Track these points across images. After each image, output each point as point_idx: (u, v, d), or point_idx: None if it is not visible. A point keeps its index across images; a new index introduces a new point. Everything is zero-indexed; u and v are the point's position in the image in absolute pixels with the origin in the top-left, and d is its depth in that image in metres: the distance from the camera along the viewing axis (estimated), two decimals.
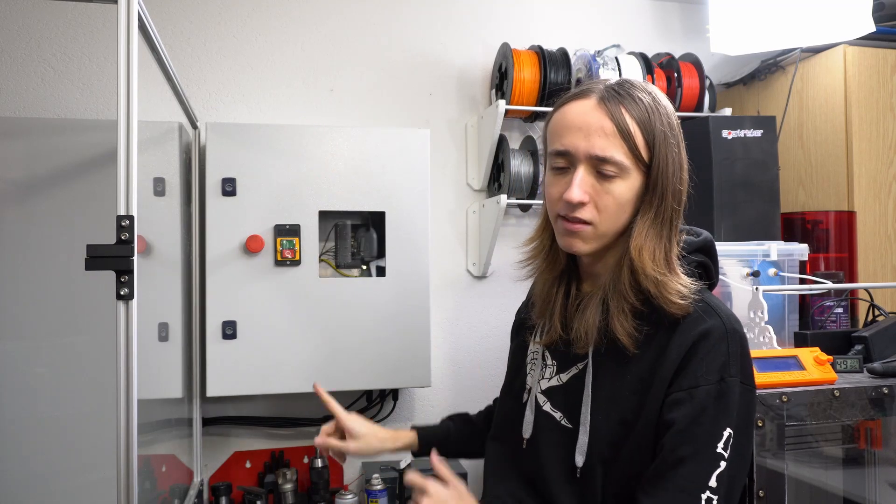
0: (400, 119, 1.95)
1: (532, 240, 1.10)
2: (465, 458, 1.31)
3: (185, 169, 1.63)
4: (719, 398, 0.90)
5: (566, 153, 0.96)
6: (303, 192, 1.61)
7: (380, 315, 1.65)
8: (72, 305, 1.52)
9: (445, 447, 1.27)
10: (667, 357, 0.93)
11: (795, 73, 1.93)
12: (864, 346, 1.47)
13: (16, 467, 1.49)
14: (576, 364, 1.02)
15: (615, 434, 0.95)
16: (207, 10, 1.83)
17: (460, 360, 1.97)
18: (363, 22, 1.93)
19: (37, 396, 1.52)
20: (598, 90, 0.97)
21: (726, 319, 0.94)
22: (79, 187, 1.53)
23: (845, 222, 1.79)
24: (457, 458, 1.30)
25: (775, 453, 1.25)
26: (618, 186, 0.94)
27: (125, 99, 0.89)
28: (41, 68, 1.73)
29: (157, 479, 1.55)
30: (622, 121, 0.93)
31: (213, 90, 1.83)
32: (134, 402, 0.87)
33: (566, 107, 0.98)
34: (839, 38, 1.74)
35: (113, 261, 0.86)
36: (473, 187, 1.99)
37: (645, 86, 0.98)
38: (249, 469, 1.79)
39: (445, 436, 1.29)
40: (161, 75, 1.30)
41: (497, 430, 1.14)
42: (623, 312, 0.95)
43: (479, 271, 1.97)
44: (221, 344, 1.56)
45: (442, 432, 1.30)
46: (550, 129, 1.01)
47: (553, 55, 1.88)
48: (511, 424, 1.09)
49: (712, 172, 1.75)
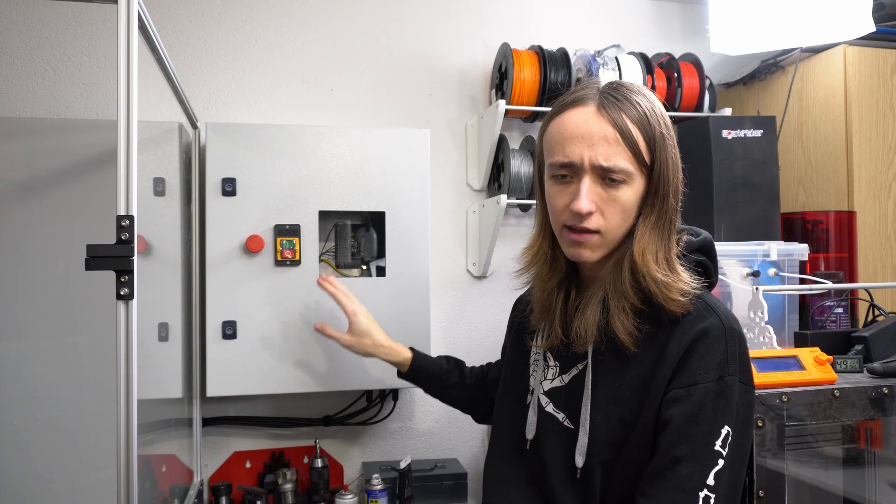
0: (400, 119, 1.95)
1: (530, 248, 1.09)
2: (439, 400, 1.41)
3: (185, 169, 1.63)
4: (718, 396, 0.90)
5: (570, 164, 0.95)
6: (303, 192, 1.61)
7: (380, 315, 1.64)
8: (72, 305, 1.52)
9: (429, 383, 1.38)
10: (666, 356, 0.93)
11: (795, 73, 1.93)
12: (864, 346, 1.47)
13: (16, 467, 1.49)
14: (576, 365, 1.02)
15: (615, 434, 0.95)
16: (207, 10, 1.83)
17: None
18: (363, 22, 1.93)
19: (37, 396, 1.52)
20: (594, 97, 0.96)
21: (725, 318, 0.95)
22: (79, 187, 1.53)
23: (845, 222, 1.79)
24: (432, 395, 1.41)
25: (775, 453, 1.25)
26: (623, 193, 0.94)
27: (125, 99, 0.89)
28: (41, 68, 1.73)
29: (157, 479, 1.55)
30: (625, 127, 0.93)
31: (213, 90, 1.83)
32: (134, 402, 0.87)
33: (564, 115, 0.97)
34: (839, 38, 1.74)
35: (113, 261, 0.85)
36: (473, 187, 1.99)
37: (638, 88, 0.98)
38: (249, 469, 1.79)
39: (437, 374, 1.37)
40: (161, 75, 1.30)
41: (499, 430, 1.14)
42: (623, 311, 0.95)
43: (479, 271, 1.97)
44: (221, 344, 1.56)
45: (435, 370, 1.38)
46: (549, 139, 0.99)
47: (553, 55, 1.88)
48: (514, 425, 1.09)
49: (712, 172, 1.75)
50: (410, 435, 1.93)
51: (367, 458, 1.89)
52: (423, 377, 1.38)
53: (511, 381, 1.15)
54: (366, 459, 1.88)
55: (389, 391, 1.85)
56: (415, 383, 1.40)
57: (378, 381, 1.66)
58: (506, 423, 1.12)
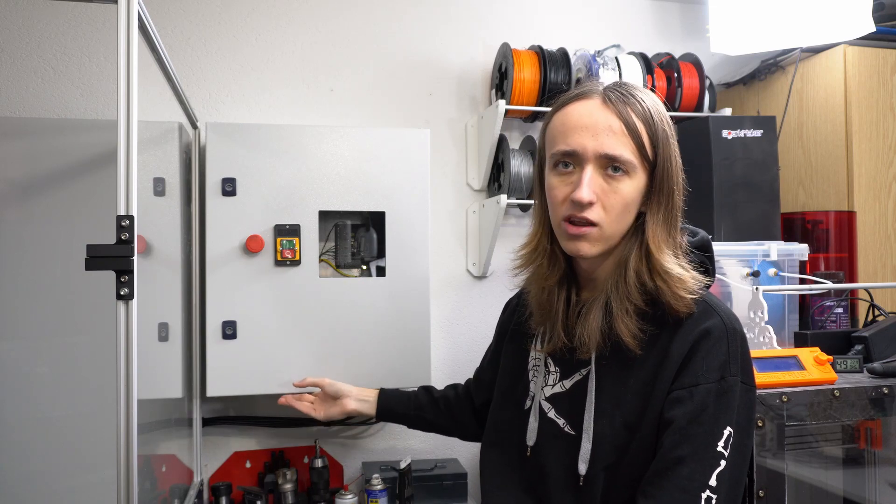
0: (400, 119, 1.95)
1: (527, 245, 1.07)
2: (423, 430, 1.46)
3: (185, 169, 1.63)
4: (720, 397, 0.90)
5: (573, 153, 0.95)
6: (303, 192, 1.61)
7: (380, 315, 1.65)
8: (72, 305, 1.52)
9: (404, 411, 1.43)
10: (669, 357, 0.93)
11: (795, 73, 1.93)
12: (864, 346, 1.47)
13: (16, 467, 1.49)
14: (579, 370, 1.01)
15: (619, 438, 0.94)
16: (207, 11, 1.83)
17: (460, 360, 1.97)
18: (363, 22, 1.93)
19: (37, 396, 1.51)
20: (599, 91, 0.97)
21: (726, 318, 0.95)
22: (79, 187, 1.53)
23: (845, 222, 1.79)
24: (413, 427, 1.47)
25: (775, 453, 1.25)
26: (625, 186, 0.94)
27: (125, 99, 0.89)
28: (41, 68, 1.73)
29: (157, 479, 1.56)
30: (630, 120, 0.93)
31: (213, 90, 1.83)
32: (134, 402, 0.87)
33: (569, 107, 0.98)
34: (839, 38, 1.74)
35: (113, 261, 0.85)
36: (473, 187, 1.99)
37: (641, 88, 0.99)
38: (249, 469, 1.79)
39: (405, 401, 1.43)
40: (161, 75, 1.30)
41: (496, 436, 1.13)
42: (627, 313, 0.94)
43: (479, 271, 1.97)
44: (221, 344, 1.56)
45: (403, 398, 1.44)
46: (552, 131, 0.99)
47: (553, 55, 1.88)
48: (513, 431, 1.08)
49: (712, 172, 1.75)
50: (410, 435, 1.93)
51: (367, 458, 1.89)
52: (393, 411, 1.44)
53: (509, 386, 1.13)
54: (366, 459, 1.88)
55: None
56: (389, 419, 1.47)
57: (378, 381, 1.66)
58: (504, 429, 1.10)
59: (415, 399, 1.42)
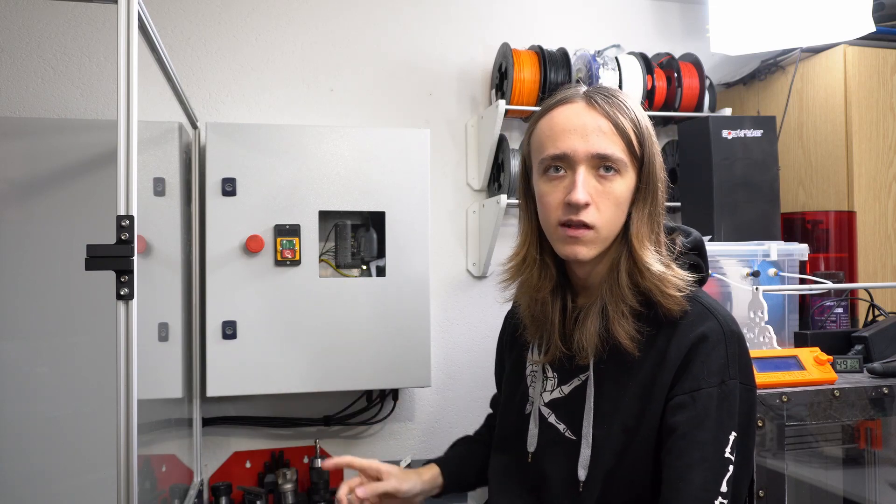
0: (400, 119, 1.95)
1: (514, 256, 1.05)
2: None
3: (185, 169, 1.63)
4: (721, 401, 0.90)
5: (563, 156, 0.94)
6: (303, 192, 1.61)
7: (380, 315, 1.65)
8: (72, 305, 1.52)
9: (469, 472, 1.22)
10: (666, 360, 0.93)
11: (795, 73, 1.93)
12: (864, 346, 1.47)
13: (16, 467, 1.49)
14: (577, 376, 1.01)
15: (618, 442, 0.94)
16: (207, 10, 1.83)
17: (460, 360, 1.97)
18: (363, 22, 1.93)
19: (37, 396, 1.52)
20: (581, 95, 0.97)
21: (723, 321, 0.94)
22: (79, 187, 1.53)
23: (845, 222, 1.79)
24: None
25: (775, 453, 1.25)
26: (617, 185, 0.94)
27: (125, 99, 0.89)
28: (41, 68, 1.73)
29: (157, 479, 1.56)
30: (617, 119, 0.94)
31: (213, 90, 1.83)
32: (134, 402, 0.87)
33: (553, 112, 0.97)
34: (839, 38, 1.74)
35: (113, 261, 0.85)
36: (473, 187, 1.99)
37: (620, 91, 1.00)
38: (249, 469, 1.79)
39: (466, 460, 1.23)
40: (161, 75, 1.30)
41: (500, 442, 1.13)
42: (623, 315, 0.94)
43: (479, 271, 1.97)
44: (221, 344, 1.56)
45: (462, 460, 1.23)
46: (538, 137, 0.99)
47: (553, 55, 1.88)
48: (515, 437, 1.08)
49: (712, 172, 1.75)
50: (410, 435, 1.93)
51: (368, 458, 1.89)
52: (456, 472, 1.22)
53: (510, 392, 1.13)
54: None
55: (389, 391, 1.85)
56: (461, 489, 1.23)
57: (378, 381, 1.66)
58: (508, 435, 1.10)
59: (469, 458, 1.25)
